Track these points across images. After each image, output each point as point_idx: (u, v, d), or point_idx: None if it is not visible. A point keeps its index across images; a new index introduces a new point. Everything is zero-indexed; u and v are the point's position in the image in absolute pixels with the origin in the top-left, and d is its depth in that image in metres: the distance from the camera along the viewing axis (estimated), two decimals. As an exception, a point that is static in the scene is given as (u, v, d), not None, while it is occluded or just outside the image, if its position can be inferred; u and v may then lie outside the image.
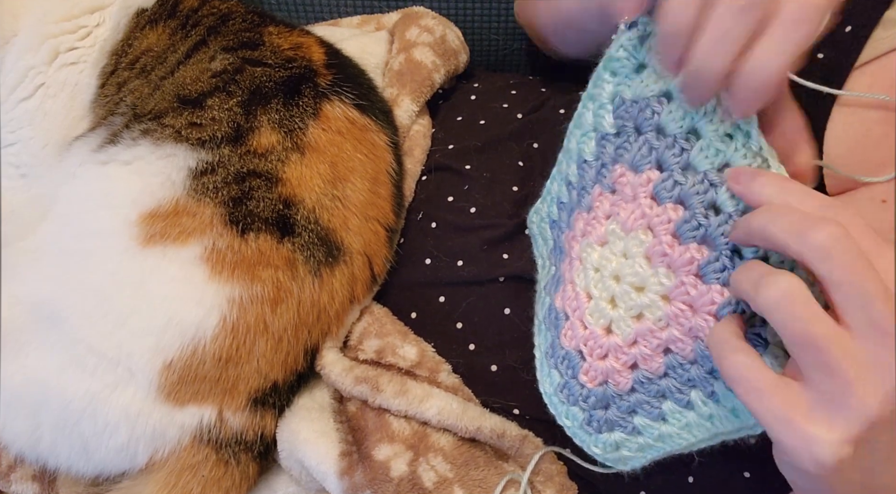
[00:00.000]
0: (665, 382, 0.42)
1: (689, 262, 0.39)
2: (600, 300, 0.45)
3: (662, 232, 0.40)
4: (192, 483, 0.53)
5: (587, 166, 0.47)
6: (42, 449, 0.54)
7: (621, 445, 0.45)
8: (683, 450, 0.42)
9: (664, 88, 0.41)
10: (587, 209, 0.47)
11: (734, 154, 0.38)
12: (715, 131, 0.39)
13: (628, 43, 0.42)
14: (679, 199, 0.40)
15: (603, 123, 0.45)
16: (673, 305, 0.40)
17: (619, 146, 0.44)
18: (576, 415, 0.47)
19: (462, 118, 0.70)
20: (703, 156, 0.39)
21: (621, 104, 0.43)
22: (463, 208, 0.62)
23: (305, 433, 0.54)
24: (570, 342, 0.46)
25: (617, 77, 0.44)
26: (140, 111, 0.62)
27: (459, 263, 0.60)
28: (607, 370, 0.44)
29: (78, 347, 0.52)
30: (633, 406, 0.44)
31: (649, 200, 0.41)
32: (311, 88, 0.60)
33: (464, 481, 0.53)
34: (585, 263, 0.46)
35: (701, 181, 0.39)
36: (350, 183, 0.59)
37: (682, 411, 0.41)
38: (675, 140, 0.40)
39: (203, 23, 0.66)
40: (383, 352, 0.58)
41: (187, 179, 0.55)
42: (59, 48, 0.67)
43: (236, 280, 0.53)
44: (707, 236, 0.38)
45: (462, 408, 0.54)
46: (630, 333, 0.43)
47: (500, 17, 0.87)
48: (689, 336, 0.40)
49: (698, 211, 0.39)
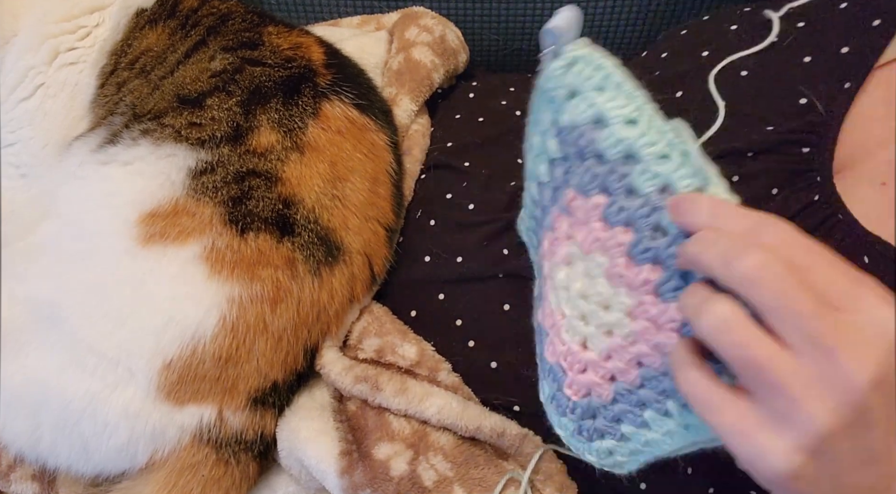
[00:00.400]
0: (643, 392, 0.42)
1: (645, 282, 0.39)
2: (572, 318, 0.45)
3: (616, 255, 0.41)
4: (192, 483, 0.53)
5: (544, 188, 0.48)
6: (42, 449, 0.54)
7: (613, 451, 0.45)
8: (671, 455, 0.43)
9: (596, 114, 0.41)
10: (550, 229, 0.48)
11: (673, 174, 0.38)
12: (651, 154, 0.39)
13: (555, 73, 0.42)
14: (627, 222, 0.40)
15: (549, 147, 0.45)
16: (637, 322, 0.40)
17: (566, 170, 0.44)
18: (567, 425, 0.47)
19: (461, 116, 0.70)
20: (642, 179, 0.39)
21: (561, 130, 0.44)
22: (462, 204, 0.62)
23: (305, 432, 0.54)
24: (552, 356, 0.47)
25: (553, 104, 0.44)
26: (140, 111, 0.62)
27: (459, 259, 0.60)
28: (588, 383, 0.44)
29: (78, 347, 0.52)
30: (618, 415, 0.44)
31: (601, 222, 0.42)
32: (310, 88, 0.60)
33: (464, 480, 0.53)
34: (555, 281, 0.46)
35: (644, 204, 0.39)
36: (350, 183, 0.59)
37: (662, 418, 0.41)
38: (613, 166, 0.40)
39: (203, 23, 0.66)
40: (383, 351, 0.58)
41: (187, 178, 0.56)
42: (59, 48, 0.67)
43: (236, 280, 0.53)
44: (658, 257, 0.39)
45: (462, 407, 0.54)
46: (604, 348, 0.43)
47: (500, 17, 0.87)
48: (656, 351, 0.40)
49: (646, 234, 0.39)
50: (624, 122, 0.40)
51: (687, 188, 0.37)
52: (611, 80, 0.40)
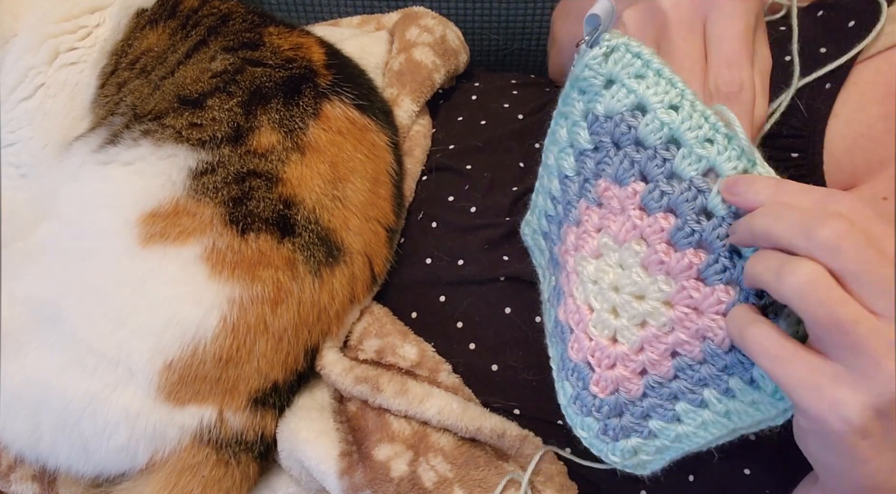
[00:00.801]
0: (676, 384, 0.42)
1: (688, 267, 0.39)
2: (602, 312, 0.45)
3: (656, 241, 0.41)
4: (193, 484, 0.53)
5: (569, 181, 0.48)
6: (42, 449, 0.53)
7: (639, 450, 0.45)
8: (702, 448, 0.43)
9: (636, 102, 0.41)
10: (576, 223, 0.47)
11: (717, 158, 0.38)
12: (695, 138, 0.39)
13: (593, 61, 0.42)
14: (669, 208, 0.40)
15: (579, 139, 0.45)
16: (676, 309, 0.40)
17: (599, 161, 0.44)
18: (591, 426, 0.47)
19: (463, 118, 0.70)
20: (686, 163, 0.39)
21: (595, 121, 0.44)
22: (463, 207, 0.62)
23: (305, 432, 0.54)
24: (577, 354, 0.46)
25: (586, 95, 0.44)
26: (140, 112, 0.62)
27: (460, 262, 0.60)
28: (617, 378, 0.44)
29: (78, 347, 0.52)
30: (647, 411, 0.44)
31: (638, 211, 0.42)
32: (311, 88, 0.60)
33: (464, 481, 0.53)
34: (582, 276, 0.46)
35: (688, 188, 0.39)
36: (350, 183, 0.59)
37: (697, 410, 0.42)
38: (656, 151, 0.41)
39: (203, 23, 0.66)
40: (383, 352, 0.58)
41: (187, 179, 0.55)
42: (59, 48, 0.67)
43: (236, 280, 0.53)
44: (703, 241, 0.39)
45: (462, 408, 0.54)
46: (636, 340, 0.43)
47: (500, 17, 0.87)
48: (695, 338, 0.40)
49: (690, 218, 0.39)
50: (666, 107, 0.40)
51: (733, 171, 0.38)
52: (650, 67, 0.41)
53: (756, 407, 0.39)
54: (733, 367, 0.39)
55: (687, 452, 0.43)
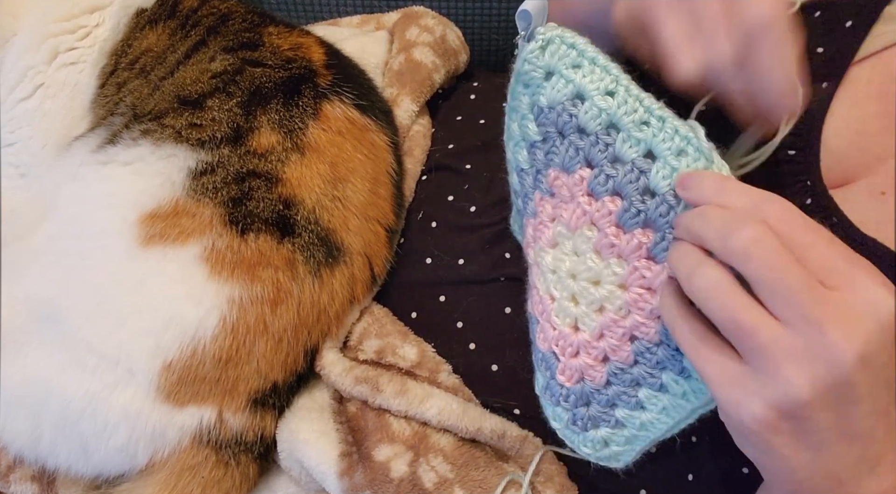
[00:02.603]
0: (637, 370, 0.43)
1: (638, 247, 0.41)
2: (562, 300, 0.46)
3: (606, 225, 0.42)
4: (192, 485, 0.53)
5: (524, 174, 0.49)
6: (42, 449, 0.53)
7: (609, 441, 0.46)
8: (666, 435, 0.44)
9: (574, 91, 0.42)
10: (533, 215, 0.49)
11: (653, 140, 0.40)
12: (632, 122, 0.41)
13: (531, 55, 0.43)
14: (615, 191, 0.42)
15: (528, 132, 0.46)
16: (631, 291, 0.42)
17: (548, 151, 0.45)
18: (561, 416, 0.48)
19: (462, 118, 0.70)
20: (626, 147, 0.41)
21: (540, 112, 0.45)
22: (463, 207, 0.62)
23: (305, 433, 0.54)
24: (543, 344, 0.48)
25: (529, 88, 0.45)
26: (140, 112, 0.62)
27: (460, 262, 0.60)
28: (581, 366, 0.45)
29: (78, 347, 0.52)
30: (612, 399, 0.45)
31: (587, 197, 0.43)
32: (310, 89, 0.60)
33: (464, 481, 0.53)
34: (542, 267, 0.47)
35: (631, 170, 0.41)
36: (350, 183, 0.59)
37: (657, 394, 0.43)
38: (598, 137, 0.42)
39: (203, 23, 0.66)
40: (383, 352, 0.58)
41: (187, 179, 0.55)
42: (59, 48, 0.67)
43: (236, 281, 0.53)
44: (649, 219, 0.40)
45: (462, 408, 0.54)
46: (595, 327, 0.44)
47: (500, 17, 0.87)
48: (651, 319, 0.41)
49: (635, 198, 0.40)
50: (602, 93, 0.41)
51: (668, 152, 0.39)
52: (585, 56, 0.42)
53: None
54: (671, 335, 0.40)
55: (653, 440, 0.44)
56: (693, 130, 0.39)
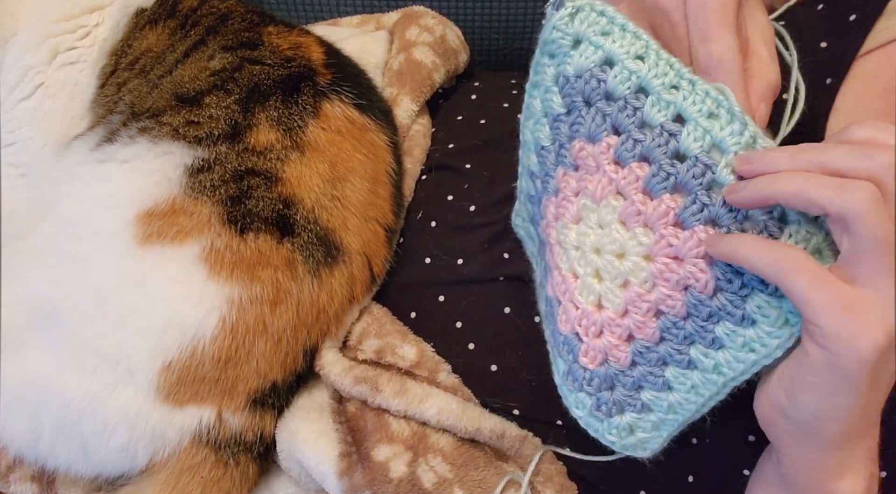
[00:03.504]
0: (663, 347, 0.42)
1: (665, 213, 0.40)
2: (586, 277, 0.45)
3: (632, 192, 0.42)
4: (192, 485, 0.53)
5: (545, 152, 0.48)
6: (41, 449, 0.53)
7: (635, 427, 0.45)
8: (696, 416, 0.43)
9: (604, 57, 0.42)
10: (554, 193, 0.48)
11: (683, 102, 0.40)
12: (662, 85, 0.40)
13: (560, 23, 0.43)
14: (642, 156, 0.41)
15: (552, 105, 0.46)
16: (656, 262, 0.41)
17: (572, 123, 0.45)
18: (584, 402, 0.47)
19: (462, 118, 0.70)
20: (655, 110, 0.41)
21: (566, 83, 0.44)
22: (463, 207, 0.62)
23: (304, 433, 0.54)
24: (565, 325, 0.47)
25: (556, 58, 0.45)
26: (138, 109, 0.61)
27: (459, 262, 0.60)
28: (605, 346, 0.45)
29: (77, 347, 0.52)
30: (638, 381, 0.44)
31: (613, 165, 0.43)
32: (310, 87, 0.60)
33: (463, 481, 0.53)
34: (565, 244, 0.47)
35: (660, 134, 0.40)
36: (349, 183, 0.59)
37: (685, 372, 0.42)
38: (626, 101, 0.42)
39: (202, 22, 0.66)
40: (382, 352, 0.58)
41: (184, 176, 0.55)
42: (59, 48, 0.67)
43: (235, 281, 0.53)
44: (678, 183, 0.40)
45: (461, 408, 0.54)
46: (619, 303, 0.43)
47: (500, 17, 0.87)
48: (677, 290, 0.41)
49: (664, 162, 0.40)
50: (633, 58, 0.41)
51: (699, 114, 0.39)
52: (615, 23, 0.42)
53: (749, 348, 0.39)
54: (719, 312, 0.40)
55: (681, 424, 0.44)
56: (724, 94, 0.39)
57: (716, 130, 0.39)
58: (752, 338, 0.39)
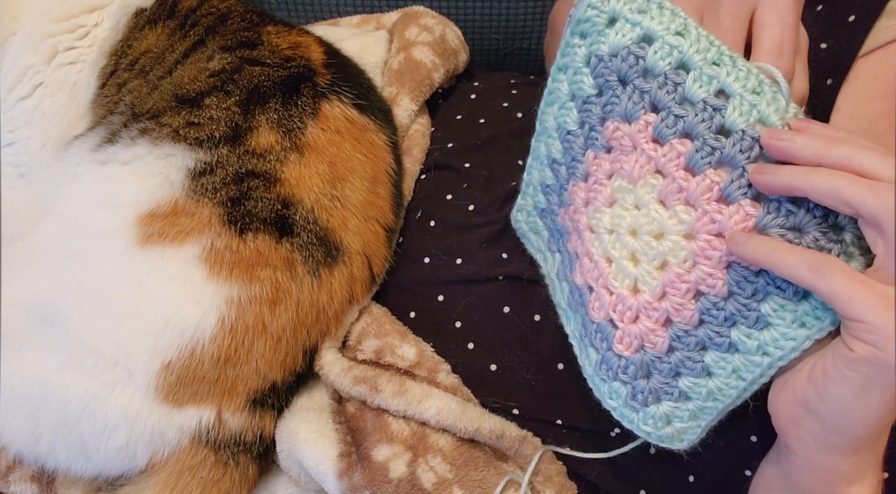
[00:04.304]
0: (702, 331, 0.41)
1: (709, 188, 0.40)
2: (621, 260, 0.44)
3: (673, 168, 0.41)
4: (192, 485, 0.53)
5: (572, 137, 0.48)
6: (41, 450, 0.53)
7: (672, 417, 0.44)
8: (736, 403, 0.42)
9: (642, 33, 0.42)
10: (583, 178, 0.47)
11: (726, 78, 0.39)
12: (703, 60, 0.40)
13: (595, 0, 0.43)
14: (684, 132, 0.41)
15: (582, 86, 0.45)
16: (698, 239, 0.40)
17: (605, 104, 0.44)
18: (619, 392, 0.46)
19: (462, 117, 0.70)
20: (697, 86, 0.40)
21: (598, 63, 0.44)
22: (462, 206, 0.62)
23: (304, 433, 0.54)
24: (598, 312, 0.46)
25: (588, 38, 0.45)
26: (138, 110, 0.61)
27: (458, 261, 0.60)
28: (641, 332, 0.43)
29: (77, 347, 0.52)
30: (675, 367, 0.43)
31: (652, 143, 0.42)
32: (309, 88, 0.60)
33: (463, 481, 0.53)
34: (597, 229, 0.46)
35: (703, 109, 0.40)
36: (349, 183, 0.59)
37: (726, 356, 0.41)
38: (666, 77, 0.41)
39: (202, 22, 0.65)
40: (382, 352, 0.58)
41: (186, 179, 0.55)
42: (58, 47, 0.67)
43: (235, 281, 0.53)
44: (724, 157, 0.39)
45: (461, 408, 0.54)
46: (657, 285, 0.42)
47: (500, 16, 0.87)
48: (719, 268, 0.40)
49: (708, 137, 0.39)
50: (672, 34, 0.41)
51: (742, 89, 0.39)
52: (652, 1, 0.42)
53: (801, 322, 0.38)
54: (765, 288, 0.39)
55: (722, 411, 0.43)
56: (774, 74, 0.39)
57: (762, 106, 0.38)
58: (804, 313, 0.38)
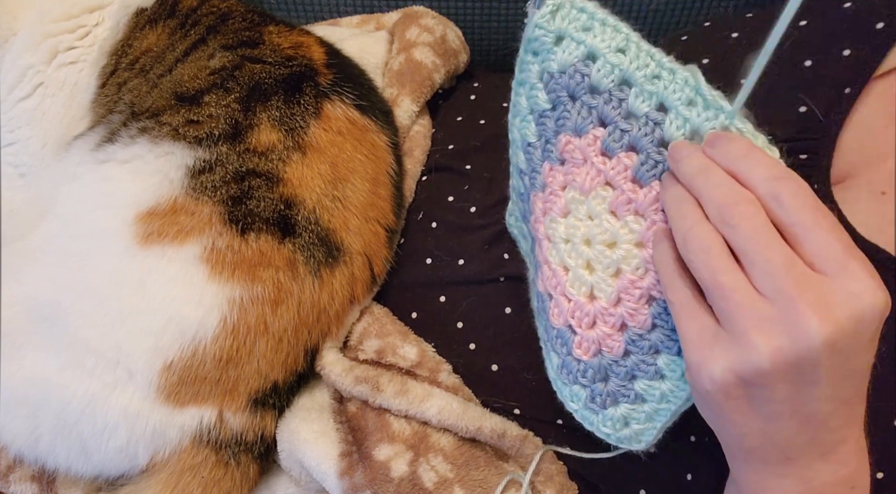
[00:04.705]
0: (655, 334, 0.43)
1: (656, 199, 0.41)
2: (577, 269, 0.46)
3: (622, 181, 0.42)
4: (193, 485, 0.53)
5: (532, 148, 0.49)
6: (41, 449, 0.53)
7: (629, 418, 0.46)
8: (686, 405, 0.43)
9: (586, 51, 0.43)
10: (541, 189, 0.48)
11: (665, 92, 0.40)
12: (644, 76, 0.41)
13: (542, 20, 0.44)
14: (630, 145, 0.42)
15: (538, 101, 0.47)
16: (648, 247, 0.42)
17: (558, 118, 0.46)
18: (579, 394, 0.47)
19: (462, 118, 0.70)
20: (639, 101, 0.41)
21: (550, 79, 0.45)
22: (463, 207, 0.62)
23: (305, 433, 0.54)
24: (558, 319, 0.47)
25: (539, 55, 0.46)
26: (138, 109, 0.61)
27: (460, 262, 0.60)
28: (598, 337, 0.45)
29: (77, 347, 0.52)
30: (631, 370, 0.44)
31: (601, 156, 0.43)
32: (312, 87, 0.60)
33: (464, 481, 0.53)
34: (554, 238, 0.47)
35: (645, 123, 0.41)
36: (350, 184, 0.59)
37: (676, 359, 0.43)
38: (610, 94, 0.43)
39: (202, 22, 0.65)
40: (383, 352, 0.58)
41: (185, 177, 0.55)
42: (58, 47, 0.67)
43: (236, 281, 0.53)
44: (666, 171, 0.41)
45: (462, 408, 0.54)
46: (612, 292, 0.44)
47: (500, 17, 0.87)
48: None
49: (651, 150, 0.41)
50: (614, 51, 0.42)
51: (678, 102, 0.40)
52: (596, 18, 0.43)
53: None
54: None
55: (675, 413, 0.44)
56: (694, 76, 0.40)
57: (693, 117, 0.39)
58: None
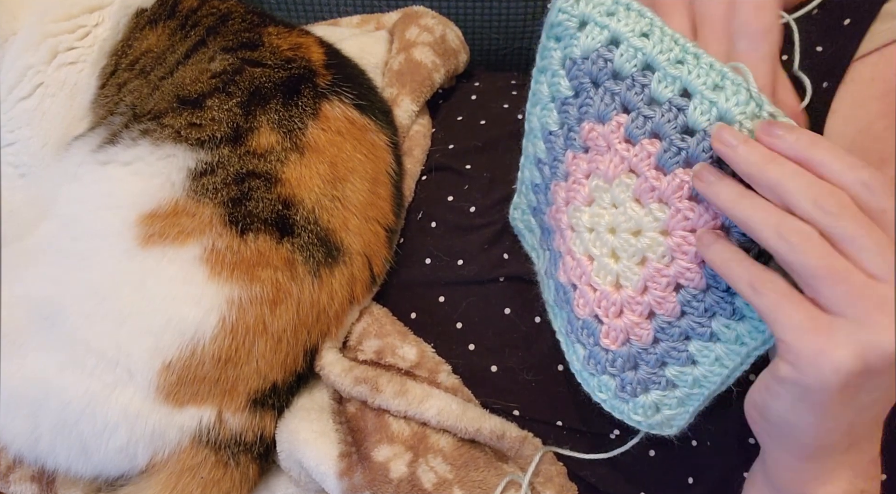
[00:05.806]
0: (684, 321, 0.42)
1: (679, 187, 0.40)
2: (602, 257, 0.45)
3: (645, 168, 0.42)
4: (192, 485, 0.53)
5: (554, 137, 0.48)
6: (41, 450, 0.53)
7: (660, 405, 0.45)
8: (721, 388, 0.43)
9: (609, 36, 0.43)
10: (564, 178, 0.48)
11: (689, 76, 0.40)
12: (667, 60, 0.41)
13: (565, 5, 0.44)
14: (653, 132, 0.41)
15: (560, 88, 0.46)
16: (673, 236, 0.41)
17: (581, 105, 0.45)
18: (608, 384, 0.47)
19: (462, 118, 0.70)
20: (662, 86, 0.41)
21: (572, 65, 0.45)
22: (463, 207, 0.62)
23: (305, 433, 0.54)
24: (583, 309, 0.47)
25: (562, 41, 0.46)
26: (139, 111, 0.61)
27: (459, 262, 0.60)
28: (626, 326, 0.44)
29: (77, 347, 0.52)
30: (661, 357, 0.44)
31: (624, 143, 0.43)
32: (310, 89, 0.60)
33: (463, 482, 0.53)
34: (578, 228, 0.47)
35: (668, 110, 0.41)
36: (350, 183, 0.59)
37: (708, 345, 0.42)
38: (633, 79, 0.42)
39: (202, 23, 0.66)
40: (383, 352, 0.58)
41: (187, 180, 0.55)
42: (58, 48, 0.67)
43: (235, 281, 0.53)
44: (690, 158, 0.40)
45: (462, 409, 0.54)
46: (638, 280, 0.43)
47: (500, 17, 0.86)
48: (695, 263, 0.41)
49: (674, 137, 0.40)
50: (638, 35, 0.42)
51: (703, 87, 0.39)
52: (620, 3, 0.43)
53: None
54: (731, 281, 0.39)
55: (707, 397, 0.43)
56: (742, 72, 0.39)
57: (721, 102, 0.38)
58: None
